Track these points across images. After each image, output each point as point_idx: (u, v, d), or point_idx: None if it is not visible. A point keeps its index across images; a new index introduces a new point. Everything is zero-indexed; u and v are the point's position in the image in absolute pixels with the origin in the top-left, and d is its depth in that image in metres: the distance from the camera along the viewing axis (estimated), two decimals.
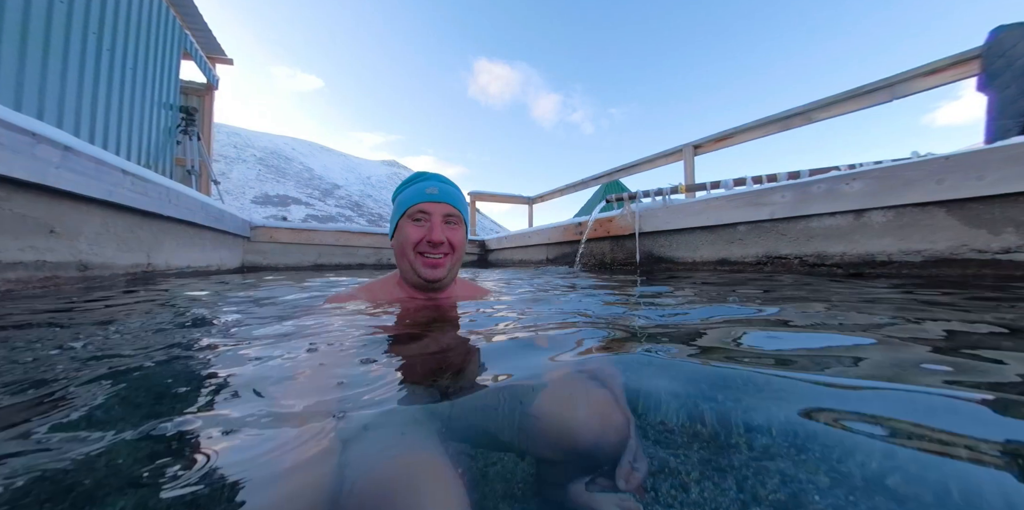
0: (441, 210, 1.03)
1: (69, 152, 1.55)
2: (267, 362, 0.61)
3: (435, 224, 1.01)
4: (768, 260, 2.13)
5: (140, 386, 0.52)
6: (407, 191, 1.07)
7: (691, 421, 0.52)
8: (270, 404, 0.46)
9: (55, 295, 1.39)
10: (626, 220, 2.88)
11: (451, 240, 1.03)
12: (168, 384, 0.53)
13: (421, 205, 1.02)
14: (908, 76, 2.57)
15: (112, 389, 0.49)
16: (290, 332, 0.82)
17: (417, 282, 1.06)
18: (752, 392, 0.50)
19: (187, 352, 0.69)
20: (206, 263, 3.02)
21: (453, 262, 1.07)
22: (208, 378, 0.57)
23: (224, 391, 0.51)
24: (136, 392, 0.50)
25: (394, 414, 0.45)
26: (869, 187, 1.74)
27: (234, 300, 1.46)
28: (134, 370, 0.57)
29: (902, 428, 0.40)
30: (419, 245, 1.01)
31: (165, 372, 0.57)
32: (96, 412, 0.43)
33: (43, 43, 2.46)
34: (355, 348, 0.69)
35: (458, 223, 1.07)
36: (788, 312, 0.99)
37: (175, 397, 0.49)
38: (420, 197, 1.03)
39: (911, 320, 0.84)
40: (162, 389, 0.52)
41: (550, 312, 1.14)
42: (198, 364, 0.63)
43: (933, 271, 1.60)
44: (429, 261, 1.02)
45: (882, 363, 0.57)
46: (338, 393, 0.50)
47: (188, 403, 0.48)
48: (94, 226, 1.79)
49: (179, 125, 4.40)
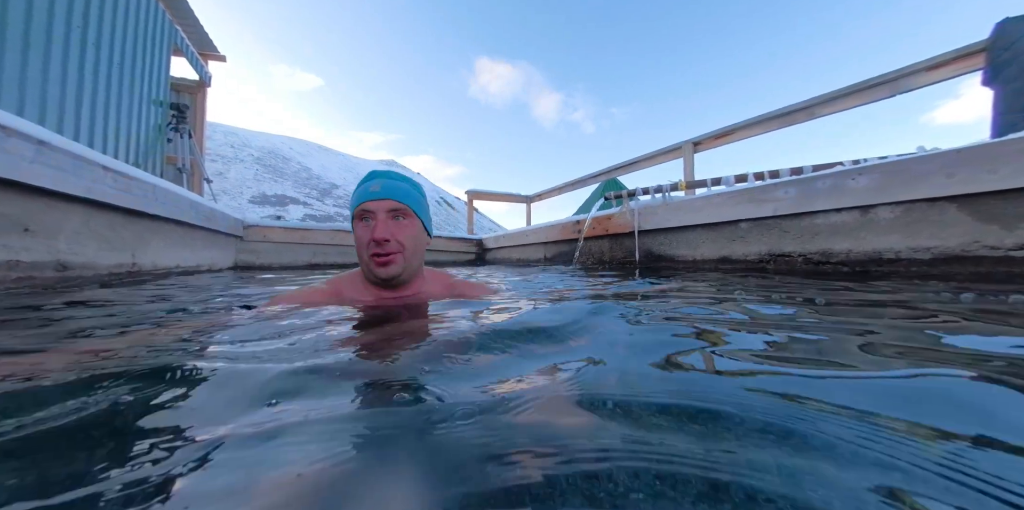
0: (384, 206, 1.02)
1: (44, 147, 1.48)
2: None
3: (379, 222, 1.01)
4: (771, 258, 2.08)
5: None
6: (356, 192, 1.08)
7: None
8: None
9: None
10: (625, 218, 2.82)
11: (397, 236, 1.02)
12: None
13: (364, 204, 1.02)
14: (911, 71, 2.51)
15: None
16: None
17: (376, 280, 1.07)
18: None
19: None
20: (196, 263, 2.95)
21: (407, 257, 1.05)
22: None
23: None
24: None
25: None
26: (876, 182, 1.68)
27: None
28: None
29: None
30: (369, 245, 1.01)
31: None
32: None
33: (23, 36, 2.39)
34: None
35: (407, 216, 1.06)
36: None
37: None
38: (364, 196, 1.03)
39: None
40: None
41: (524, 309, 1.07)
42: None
43: (943, 268, 1.55)
44: (380, 259, 1.01)
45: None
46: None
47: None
48: (73, 224, 1.72)
49: (170, 123, 4.32)
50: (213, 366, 0.55)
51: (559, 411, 0.42)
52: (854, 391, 0.46)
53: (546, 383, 0.51)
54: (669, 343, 0.69)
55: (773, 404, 0.43)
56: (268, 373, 0.51)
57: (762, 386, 0.48)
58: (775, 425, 0.37)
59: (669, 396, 0.45)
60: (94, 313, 1.09)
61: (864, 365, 0.55)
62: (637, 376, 0.53)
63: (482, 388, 0.48)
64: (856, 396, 0.44)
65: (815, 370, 0.54)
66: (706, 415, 0.40)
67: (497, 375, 0.53)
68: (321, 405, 0.43)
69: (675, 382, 0.52)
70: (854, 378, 0.51)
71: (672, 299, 1.29)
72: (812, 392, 0.45)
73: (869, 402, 0.42)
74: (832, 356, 0.61)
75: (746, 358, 0.60)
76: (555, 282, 2.09)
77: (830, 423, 0.37)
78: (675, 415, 0.40)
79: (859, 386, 0.49)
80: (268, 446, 0.35)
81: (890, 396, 0.44)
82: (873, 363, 0.56)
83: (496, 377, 0.53)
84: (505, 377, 0.53)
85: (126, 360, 0.59)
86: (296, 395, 0.46)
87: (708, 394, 0.45)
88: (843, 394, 0.44)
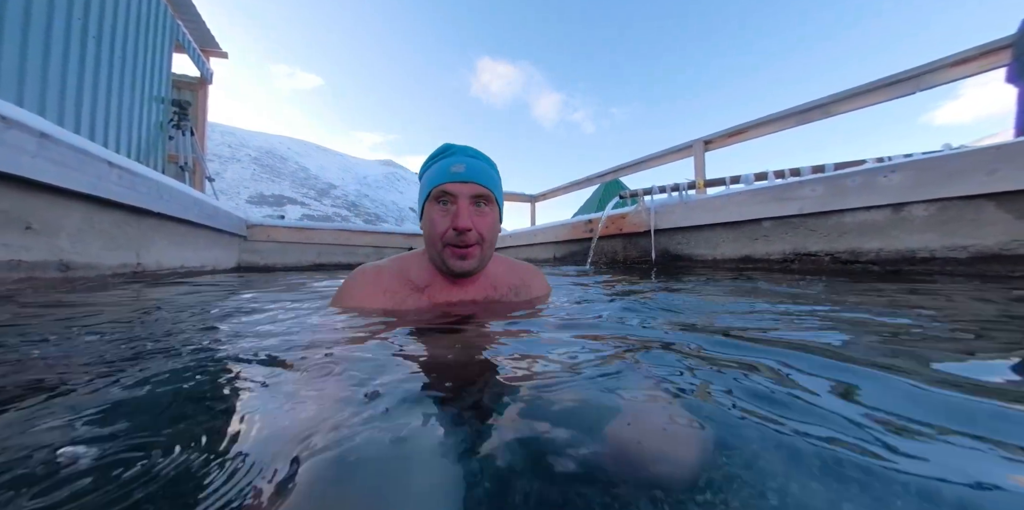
0: (468, 191, 0.91)
1: (47, 140, 1.41)
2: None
3: (461, 208, 0.90)
4: (796, 257, 2.03)
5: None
6: (432, 168, 0.95)
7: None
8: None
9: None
10: (640, 217, 2.76)
11: (479, 226, 0.91)
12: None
13: (445, 186, 0.90)
14: (935, 66, 2.47)
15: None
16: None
17: (447, 272, 0.97)
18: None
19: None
20: (200, 263, 2.87)
21: (484, 250, 0.95)
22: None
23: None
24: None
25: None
26: (910, 179, 1.64)
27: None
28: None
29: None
30: (446, 235, 0.91)
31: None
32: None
33: (22, 29, 2.31)
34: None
35: (488, 204, 0.95)
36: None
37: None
38: (445, 176, 0.91)
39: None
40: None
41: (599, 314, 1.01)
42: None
43: (981, 268, 1.50)
44: (458, 251, 0.91)
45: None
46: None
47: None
48: (76, 222, 1.65)
49: (171, 120, 4.24)
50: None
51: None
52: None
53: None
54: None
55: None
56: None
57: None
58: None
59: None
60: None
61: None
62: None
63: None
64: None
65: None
66: None
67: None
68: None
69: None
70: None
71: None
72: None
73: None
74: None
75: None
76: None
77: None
78: None
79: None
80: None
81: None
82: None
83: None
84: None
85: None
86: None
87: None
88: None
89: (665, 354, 0.61)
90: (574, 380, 0.50)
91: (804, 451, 0.34)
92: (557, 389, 0.47)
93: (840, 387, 0.47)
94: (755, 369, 0.53)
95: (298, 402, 0.44)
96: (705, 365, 0.56)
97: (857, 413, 0.40)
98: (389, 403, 0.42)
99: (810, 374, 0.50)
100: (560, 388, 0.47)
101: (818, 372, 0.51)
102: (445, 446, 0.35)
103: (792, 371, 0.52)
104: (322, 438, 0.34)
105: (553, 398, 0.44)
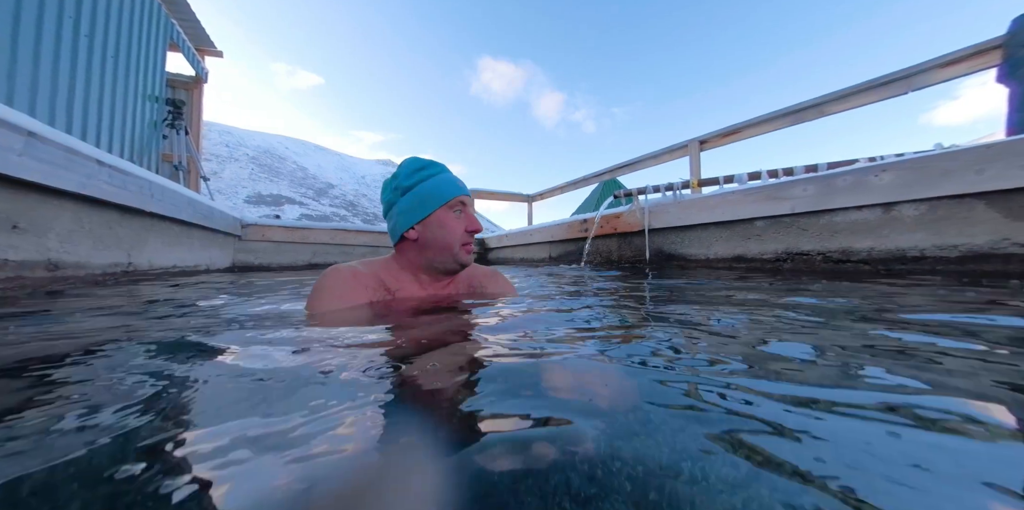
0: (470, 201, 1.14)
1: (34, 138, 1.40)
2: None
3: (470, 215, 1.11)
4: (788, 257, 2.03)
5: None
6: (433, 182, 1.08)
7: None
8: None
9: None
10: (635, 216, 2.77)
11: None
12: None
13: (462, 197, 1.09)
14: (925, 67, 2.48)
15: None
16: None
17: (453, 268, 1.11)
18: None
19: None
20: (194, 263, 2.86)
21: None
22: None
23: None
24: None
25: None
26: (900, 179, 1.64)
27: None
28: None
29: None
30: (463, 236, 1.08)
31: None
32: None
33: (12, 26, 2.29)
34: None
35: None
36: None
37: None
38: (457, 189, 1.09)
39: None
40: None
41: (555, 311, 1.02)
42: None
43: (971, 267, 1.51)
44: (467, 248, 1.10)
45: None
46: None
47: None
48: (65, 222, 1.64)
49: (166, 119, 4.22)
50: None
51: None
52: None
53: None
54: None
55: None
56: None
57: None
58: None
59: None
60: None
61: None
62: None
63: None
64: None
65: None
66: None
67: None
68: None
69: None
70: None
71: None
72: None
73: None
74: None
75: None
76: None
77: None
78: None
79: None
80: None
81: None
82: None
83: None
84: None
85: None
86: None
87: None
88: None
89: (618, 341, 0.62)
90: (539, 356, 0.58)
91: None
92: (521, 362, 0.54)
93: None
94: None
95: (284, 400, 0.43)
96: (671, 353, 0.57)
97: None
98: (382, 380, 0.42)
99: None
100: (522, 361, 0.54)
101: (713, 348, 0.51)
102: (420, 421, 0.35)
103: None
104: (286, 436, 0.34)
105: (516, 367, 0.52)
